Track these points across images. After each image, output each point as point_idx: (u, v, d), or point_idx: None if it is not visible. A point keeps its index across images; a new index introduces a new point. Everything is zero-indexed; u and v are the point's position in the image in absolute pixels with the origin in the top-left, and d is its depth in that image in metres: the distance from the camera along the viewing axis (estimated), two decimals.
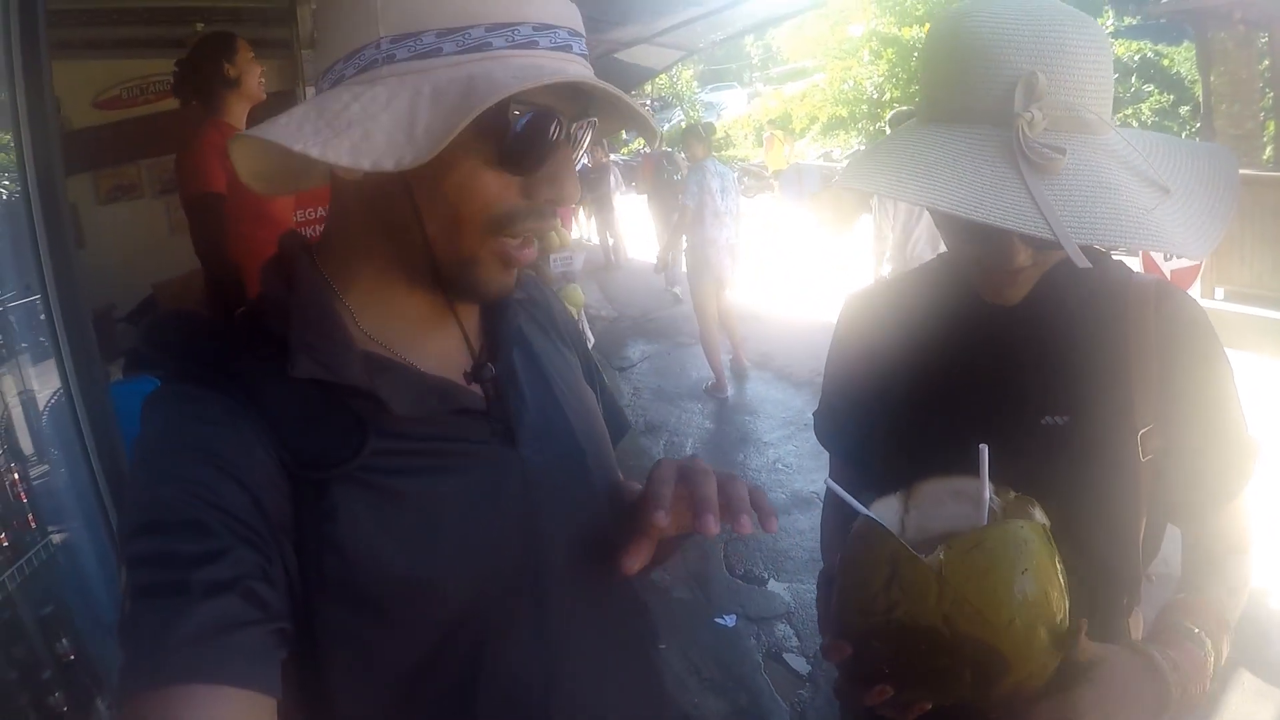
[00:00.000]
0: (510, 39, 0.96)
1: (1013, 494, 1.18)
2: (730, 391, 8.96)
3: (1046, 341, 1.38)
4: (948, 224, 1.35)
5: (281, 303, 1.06)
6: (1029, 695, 1.11)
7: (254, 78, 3.89)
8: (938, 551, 1.07)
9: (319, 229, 1.16)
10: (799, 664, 4.49)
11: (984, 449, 1.14)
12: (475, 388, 1.15)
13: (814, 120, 26.90)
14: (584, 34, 1.05)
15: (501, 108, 0.93)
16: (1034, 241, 1.23)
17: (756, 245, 13.35)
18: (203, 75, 3.89)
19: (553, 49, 0.99)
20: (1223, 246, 8.92)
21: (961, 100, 1.22)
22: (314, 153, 0.93)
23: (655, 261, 10.01)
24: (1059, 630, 1.08)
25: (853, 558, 1.17)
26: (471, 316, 1.21)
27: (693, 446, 7.73)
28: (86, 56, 6.00)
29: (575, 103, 1.02)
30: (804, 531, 5.72)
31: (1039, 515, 1.13)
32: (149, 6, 5.46)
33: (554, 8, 1.00)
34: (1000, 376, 1.39)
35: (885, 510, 1.25)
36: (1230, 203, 1.20)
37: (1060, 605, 1.08)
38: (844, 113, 17.13)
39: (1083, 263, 1.08)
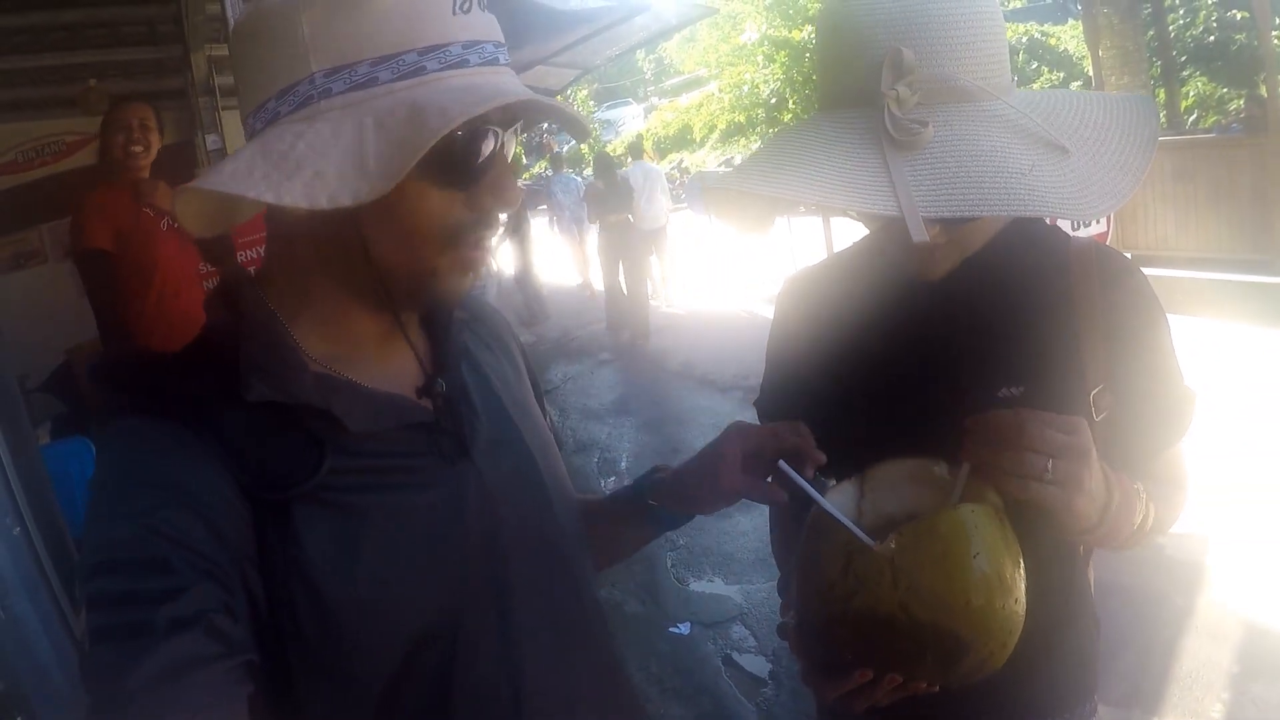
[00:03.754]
0: (443, 60, 0.97)
1: (964, 470, 1.16)
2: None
3: (994, 313, 1.39)
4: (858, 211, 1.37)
5: (229, 330, 1.06)
6: (990, 673, 1.13)
7: (117, 146, 4.16)
8: (890, 540, 1.08)
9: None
10: (758, 664, 4.51)
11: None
12: (427, 402, 1.16)
13: (712, 129, 27.08)
14: (502, 41, 1.06)
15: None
16: (935, 220, 1.25)
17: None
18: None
19: (482, 64, 1.00)
20: (1126, 211, 9.17)
21: (838, 85, 1.24)
22: (269, 198, 0.92)
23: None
24: (1016, 608, 1.10)
25: (809, 548, 1.19)
26: (416, 336, 1.22)
27: (626, 461, 7.73)
28: None
29: (504, 110, 1.03)
30: (747, 533, 5.75)
31: (992, 496, 1.13)
32: (39, 66, 5.36)
33: (478, 23, 1.01)
34: (952, 352, 1.40)
35: (842, 496, 1.26)
36: (1145, 154, 1.20)
37: (1015, 583, 1.10)
38: (742, 118, 17.24)
39: (921, 237, 1.08)
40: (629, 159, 14.73)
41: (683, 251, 15.22)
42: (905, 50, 1.13)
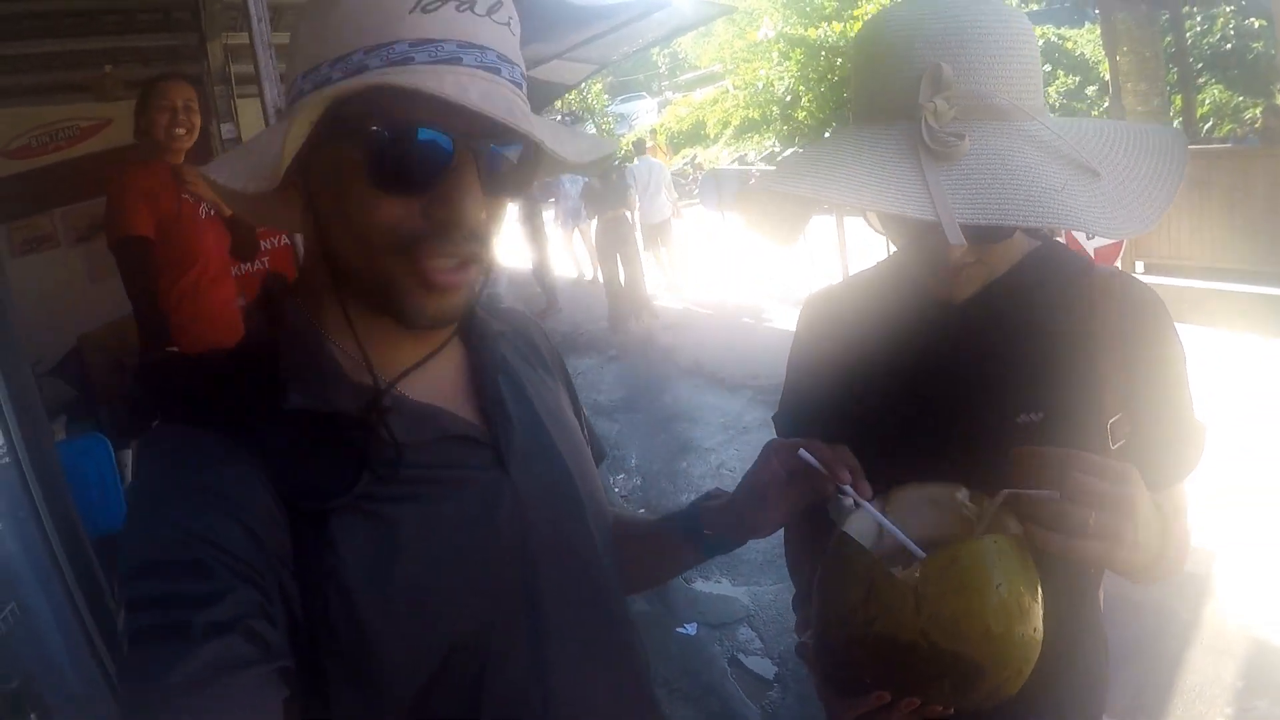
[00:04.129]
0: (385, 58, 0.97)
1: (997, 501, 1.16)
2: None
3: (1016, 338, 1.39)
4: (885, 223, 1.38)
5: (269, 339, 1.08)
6: (1005, 699, 1.14)
7: (159, 127, 4.02)
8: (914, 568, 1.09)
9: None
10: (764, 666, 4.53)
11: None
12: (466, 414, 1.16)
13: (726, 124, 27.10)
14: (488, 46, 1.01)
15: (363, 127, 0.96)
16: (969, 234, 1.23)
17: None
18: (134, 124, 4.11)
19: (432, 63, 0.97)
20: None
21: (875, 98, 1.25)
22: (217, 178, 0.99)
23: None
24: (1034, 636, 1.11)
25: (831, 572, 1.20)
26: (453, 346, 1.22)
27: (636, 458, 7.73)
28: None
29: (478, 121, 0.97)
30: None
31: (1014, 525, 1.14)
32: (52, 51, 5.36)
33: (443, 24, 0.98)
34: (972, 376, 1.40)
35: (862, 519, 1.26)
36: (1172, 185, 1.20)
37: (1034, 612, 1.11)
38: (756, 115, 17.23)
39: (957, 240, 1.10)
40: (634, 155, 14.82)
41: (694, 247, 15.23)
42: (945, 66, 1.15)
